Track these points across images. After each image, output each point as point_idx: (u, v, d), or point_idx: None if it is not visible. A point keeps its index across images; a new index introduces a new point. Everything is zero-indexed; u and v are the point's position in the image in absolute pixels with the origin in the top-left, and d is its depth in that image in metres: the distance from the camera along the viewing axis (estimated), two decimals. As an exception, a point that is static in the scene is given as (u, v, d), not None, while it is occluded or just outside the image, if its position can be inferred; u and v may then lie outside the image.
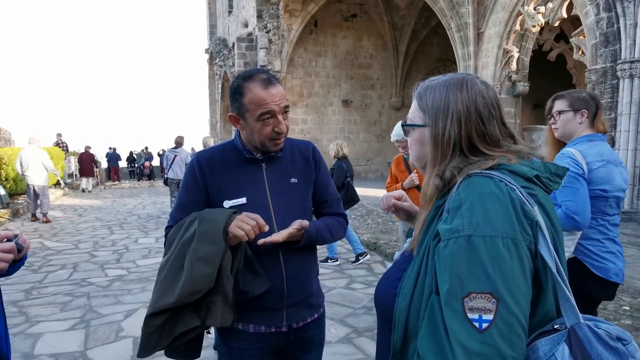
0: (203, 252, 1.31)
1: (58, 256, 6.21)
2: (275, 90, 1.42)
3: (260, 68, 1.57)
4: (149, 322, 1.30)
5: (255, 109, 1.40)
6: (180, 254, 1.35)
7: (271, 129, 1.44)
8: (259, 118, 1.41)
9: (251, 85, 1.41)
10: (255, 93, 1.40)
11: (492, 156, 0.89)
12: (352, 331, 3.54)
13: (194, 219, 1.40)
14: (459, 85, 0.94)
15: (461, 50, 12.10)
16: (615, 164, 2.02)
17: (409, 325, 0.87)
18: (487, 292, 0.73)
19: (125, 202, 13.04)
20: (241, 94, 1.42)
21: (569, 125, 2.08)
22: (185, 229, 1.40)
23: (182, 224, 1.43)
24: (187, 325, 1.32)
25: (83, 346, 3.33)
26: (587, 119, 2.06)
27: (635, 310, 3.48)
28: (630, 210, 7.85)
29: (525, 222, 0.79)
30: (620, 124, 7.92)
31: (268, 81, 1.42)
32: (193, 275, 1.28)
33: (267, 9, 15.08)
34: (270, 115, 1.41)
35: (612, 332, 0.74)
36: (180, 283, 1.29)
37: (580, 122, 2.06)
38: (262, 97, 1.39)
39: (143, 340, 1.31)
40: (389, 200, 1.33)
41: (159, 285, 1.34)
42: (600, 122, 2.09)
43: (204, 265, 1.29)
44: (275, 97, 1.41)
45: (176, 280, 1.31)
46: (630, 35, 7.61)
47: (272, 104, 1.40)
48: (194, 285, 1.28)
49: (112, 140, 47.39)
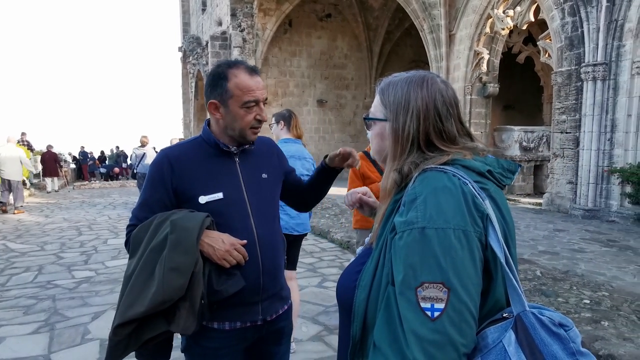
0: (176, 263, 1.27)
1: (22, 258, 6.01)
2: (258, 79, 1.46)
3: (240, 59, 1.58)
4: (117, 331, 1.26)
5: (241, 95, 1.42)
6: (149, 260, 1.30)
7: (253, 117, 1.45)
8: (244, 105, 1.43)
9: (236, 71, 1.43)
10: (241, 79, 1.42)
11: (448, 152, 0.92)
12: (323, 329, 3.56)
13: (161, 221, 1.36)
14: (420, 83, 0.96)
15: (433, 52, 12.31)
16: (299, 158, 3.08)
17: (368, 316, 0.89)
18: (438, 282, 0.75)
19: (95, 202, 12.71)
20: (226, 79, 1.42)
21: (276, 131, 3.27)
22: (153, 232, 1.35)
23: (148, 224, 1.38)
24: (155, 330, 1.29)
25: (47, 350, 3.24)
26: (285, 127, 3.22)
27: (595, 304, 3.61)
28: (594, 208, 8.14)
29: (476, 215, 0.81)
30: (584, 124, 8.21)
31: (252, 70, 1.46)
32: (165, 286, 1.25)
33: (241, 7, 14.97)
34: (255, 104, 1.44)
35: (555, 318, 0.77)
36: (151, 293, 1.25)
37: (281, 129, 3.23)
38: (248, 84, 1.42)
39: (110, 349, 1.27)
40: (354, 196, 1.35)
41: (127, 294, 1.29)
42: (296, 129, 3.23)
43: (176, 275, 1.26)
44: (259, 85, 1.45)
45: (146, 289, 1.27)
46: (593, 40, 7.89)
47: (257, 91, 1.43)
48: (166, 295, 1.25)
49: (82, 139, 46.10)
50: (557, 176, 9.07)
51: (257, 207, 1.51)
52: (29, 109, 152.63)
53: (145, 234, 1.36)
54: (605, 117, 7.90)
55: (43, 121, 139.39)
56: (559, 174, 9.00)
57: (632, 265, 5.12)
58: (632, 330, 3.08)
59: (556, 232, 7.02)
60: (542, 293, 3.87)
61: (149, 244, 1.33)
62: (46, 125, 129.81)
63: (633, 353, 2.69)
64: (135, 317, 1.25)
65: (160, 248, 1.30)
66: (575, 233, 6.95)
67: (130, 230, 1.46)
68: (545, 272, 4.54)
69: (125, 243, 1.47)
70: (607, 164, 7.95)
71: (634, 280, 4.59)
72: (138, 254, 1.34)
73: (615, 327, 3.12)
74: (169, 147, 1.56)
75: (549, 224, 7.76)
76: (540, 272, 4.49)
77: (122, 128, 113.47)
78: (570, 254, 5.65)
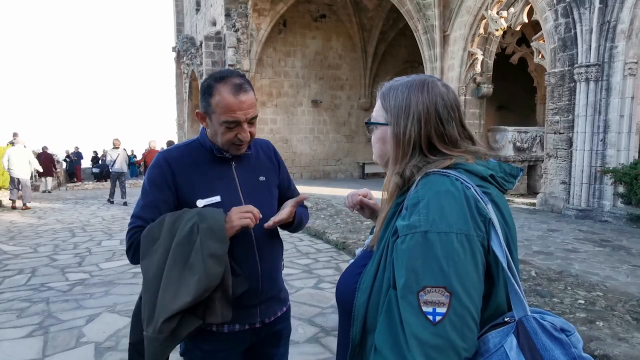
0: (214, 250, 1.29)
1: (15, 260, 5.95)
2: (245, 98, 1.39)
3: (235, 70, 1.54)
4: (164, 327, 1.23)
5: (221, 113, 1.39)
6: (179, 253, 1.30)
7: (234, 135, 1.43)
8: (223, 124, 1.41)
9: (222, 88, 1.38)
10: (223, 97, 1.37)
11: (450, 156, 0.92)
12: (319, 330, 3.55)
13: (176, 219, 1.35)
14: (421, 87, 0.96)
15: (428, 52, 12.35)
16: None
17: (368, 319, 0.89)
18: (441, 286, 0.75)
19: (88, 203, 12.63)
20: (210, 95, 1.40)
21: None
22: (171, 230, 1.33)
23: (159, 224, 1.36)
24: (191, 326, 1.29)
25: (41, 353, 3.21)
26: None
27: (589, 304, 3.64)
28: (587, 208, 8.20)
29: (479, 219, 0.81)
30: (577, 125, 8.27)
31: (239, 87, 1.39)
32: (209, 272, 1.26)
33: (236, 7, 14.93)
34: (235, 125, 1.41)
35: (557, 323, 0.77)
36: (194, 281, 1.25)
37: None
38: (229, 103, 1.37)
39: (156, 348, 1.24)
40: (354, 198, 1.34)
41: (164, 289, 1.27)
42: None
43: (216, 262, 1.28)
44: (243, 105, 1.39)
45: (185, 280, 1.26)
46: (586, 41, 7.95)
47: (239, 112, 1.38)
48: (210, 282, 1.27)
49: (74, 139, 45.76)
50: (550, 176, 9.13)
51: None
52: (21, 108, 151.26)
53: (160, 233, 1.34)
54: (598, 117, 7.96)
55: (35, 121, 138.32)
56: (552, 174, 9.06)
57: (625, 265, 5.16)
58: (626, 330, 3.10)
59: (550, 232, 7.06)
60: (537, 293, 3.89)
61: (172, 240, 1.32)
62: (38, 125, 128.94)
63: (628, 353, 2.71)
64: (182, 308, 1.25)
65: (189, 240, 1.31)
66: (568, 233, 6.99)
67: (135, 232, 1.42)
68: (540, 272, 4.56)
69: (130, 246, 1.43)
70: (600, 165, 8.01)
71: (628, 280, 4.63)
72: (158, 252, 1.32)
73: (610, 327, 3.15)
74: (167, 149, 1.56)
75: (543, 224, 7.81)
76: (535, 273, 4.51)
77: (115, 128, 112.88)
78: (564, 254, 5.69)
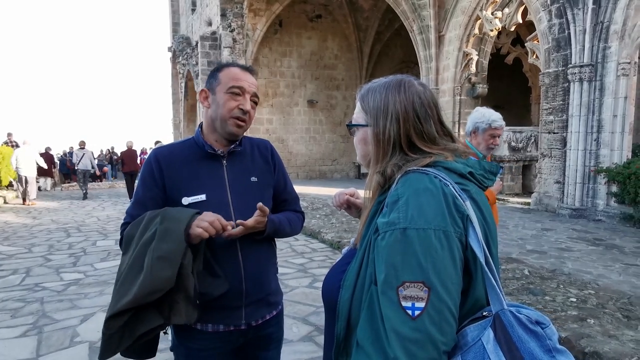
0: (164, 251, 1.28)
1: (9, 261, 5.93)
2: (251, 76, 1.54)
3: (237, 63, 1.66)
4: (109, 324, 1.26)
5: (228, 81, 1.48)
6: (140, 254, 1.31)
7: (236, 105, 1.47)
8: (229, 90, 1.46)
9: (231, 66, 1.54)
10: (231, 70, 1.51)
11: (430, 154, 0.94)
12: (314, 329, 3.57)
13: (153, 217, 1.37)
14: (397, 87, 0.99)
15: (423, 53, 12.39)
16: None
17: (352, 316, 0.90)
18: (419, 281, 0.77)
19: (83, 203, 12.60)
20: (219, 71, 1.52)
21: None
22: (144, 228, 1.36)
23: (139, 221, 1.39)
24: (150, 324, 1.29)
25: (35, 353, 3.21)
26: None
27: (581, 302, 3.66)
28: (581, 208, 8.25)
29: (457, 216, 0.83)
30: (571, 125, 8.31)
31: (246, 68, 1.56)
32: (153, 275, 1.25)
33: (231, 7, 14.93)
34: (239, 92, 1.48)
35: (532, 316, 0.79)
36: (139, 282, 1.26)
37: None
38: (236, 73, 1.50)
39: (104, 343, 1.26)
40: (341, 197, 1.36)
41: (119, 287, 1.30)
42: None
43: (163, 263, 1.27)
44: (249, 78, 1.52)
45: (136, 279, 1.27)
46: (579, 41, 7.99)
47: (244, 81, 1.49)
48: (154, 284, 1.25)
49: (72, 140, 45.60)
50: (545, 176, 9.18)
51: (242, 211, 1.49)
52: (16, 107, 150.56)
53: (137, 230, 1.37)
54: (591, 117, 8.01)
55: (29, 120, 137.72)
56: (546, 173, 9.11)
57: (617, 264, 5.20)
58: (617, 328, 3.13)
59: (544, 231, 7.10)
60: (530, 292, 3.92)
61: (141, 239, 1.34)
62: (33, 124, 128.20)
63: (618, 350, 2.74)
64: (124, 308, 1.25)
65: (150, 240, 1.32)
66: (562, 232, 7.03)
67: (124, 229, 1.46)
68: (533, 270, 4.59)
69: (120, 242, 1.46)
70: (593, 164, 8.06)
71: (620, 278, 4.66)
72: (130, 250, 1.35)
73: (601, 325, 3.17)
74: (159, 147, 1.58)
75: (537, 223, 7.85)
76: (528, 271, 4.54)
77: (111, 128, 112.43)
78: (557, 253, 5.73)
